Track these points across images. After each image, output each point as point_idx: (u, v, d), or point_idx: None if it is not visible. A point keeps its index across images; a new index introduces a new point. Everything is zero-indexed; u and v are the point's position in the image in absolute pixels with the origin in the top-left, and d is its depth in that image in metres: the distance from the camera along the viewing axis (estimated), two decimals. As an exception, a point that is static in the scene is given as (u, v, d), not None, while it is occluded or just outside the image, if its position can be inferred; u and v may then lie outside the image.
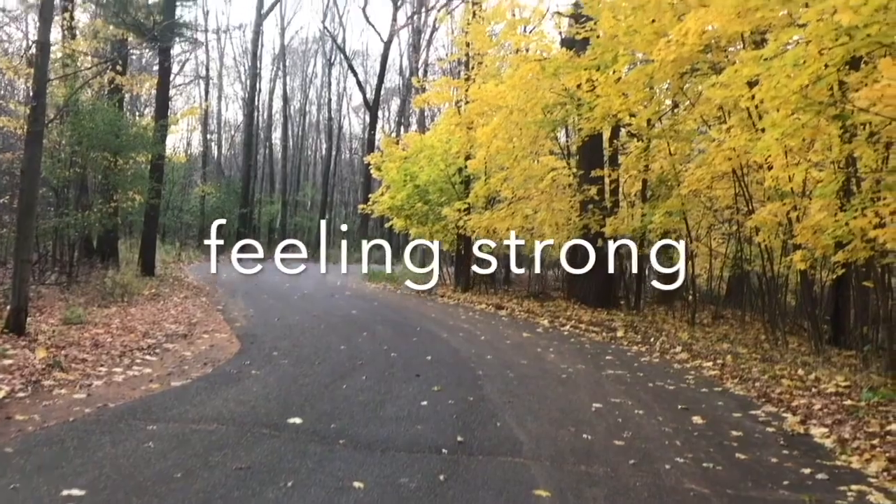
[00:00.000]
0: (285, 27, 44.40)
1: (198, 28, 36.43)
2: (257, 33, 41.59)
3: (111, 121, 16.49)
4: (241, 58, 48.74)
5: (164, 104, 21.59)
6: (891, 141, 7.33)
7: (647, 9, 11.13)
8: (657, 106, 13.52)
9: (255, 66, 42.00)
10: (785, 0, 6.72)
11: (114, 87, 19.68)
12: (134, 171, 18.28)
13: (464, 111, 19.20)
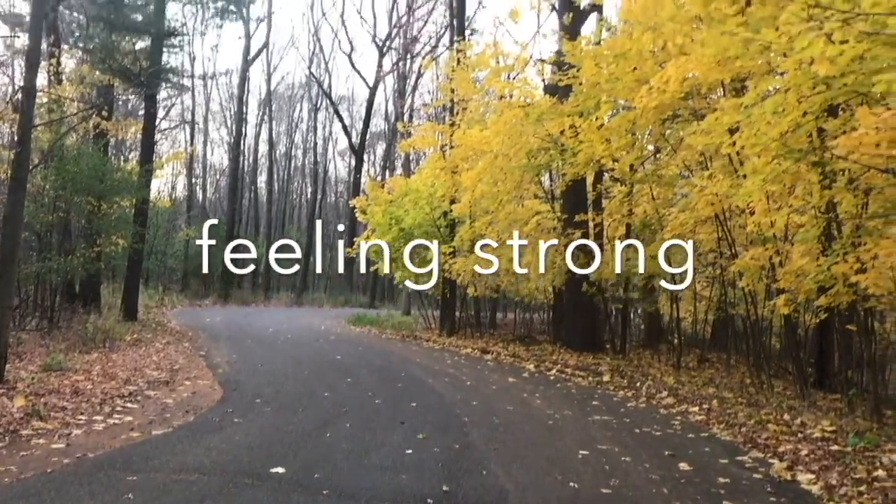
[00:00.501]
0: (272, 73, 44.71)
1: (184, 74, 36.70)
2: (244, 79, 41.90)
3: (96, 166, 16.47)
4: (228, 103, 49.02)
5: (150, 149, 21.62)
6: (870, 187, 7.43)
7: (628, 57, 11.34)
8: (640, 151, 13.68)
9: (241, 111, 42.23)
10: (763, 49, 6.84)
11: (99, 131, 19.72)
12: (118, 215, 18.20)
13: (449, 155, 19.35)
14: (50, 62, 19.30)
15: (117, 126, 20.22)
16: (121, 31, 19.80)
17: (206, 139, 50.36)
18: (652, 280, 14.81)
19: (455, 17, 25.18)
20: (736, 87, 10.27)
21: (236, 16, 29.77)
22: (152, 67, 19.24)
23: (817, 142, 7.51)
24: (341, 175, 59.46)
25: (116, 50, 19.52)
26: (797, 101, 6.73)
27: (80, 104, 19.29)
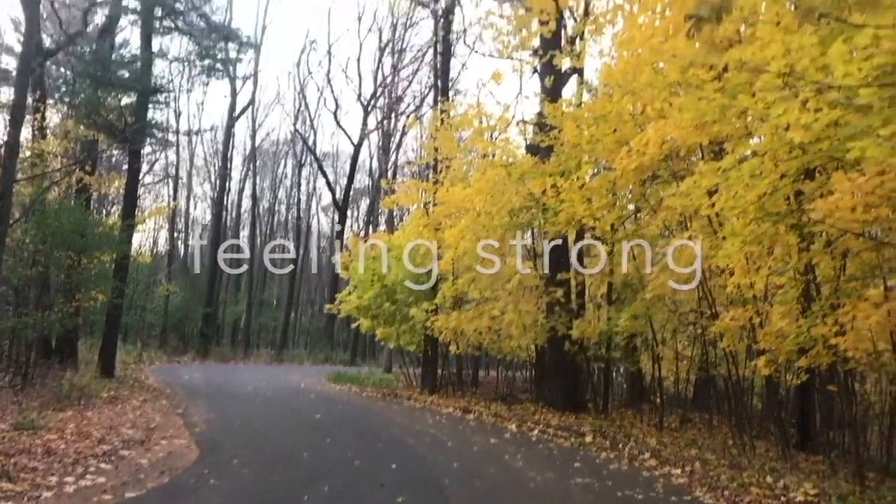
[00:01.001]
0: (257, 129, 45.00)
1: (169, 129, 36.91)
2: (229, 135, 42.14)
3: (77, 220, 16.39)
4: (212, 158, 49.23)
5: (132, 204, 21.57)
6: (847, 249, 7.54)
7: (608, 119, 11.57)
8: (620, 211, 13.83)
9: (225, 166, 42.37)
10: (740, 114, 7.01)
11: (82, 186, 19.70)
12: (98, 270, 18.05)
13: (432, 213, 19.45)
14: (35, 116, 19.36)
15: (100, 181, 20.24)
16: (107, 88, 19.92)
17: (190, 194, 50.42)
18: (633, 339, 14.83)
19: (439, 77, 25.59)
20: (714, 150, 10.47)
21: (223, 74, 30.07)
22: (137, 123, 19.34)
23: (795, 204, 7.64)
24: (324, 230, 59.57)
25: (102, 105, 19.62)
26: (774, 164, 6.87)
27: (64, 159, 19.30)
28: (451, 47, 26.42)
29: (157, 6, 22.14)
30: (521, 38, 18.65)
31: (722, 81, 7.27)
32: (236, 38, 26.44)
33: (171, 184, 46.88)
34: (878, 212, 5.89)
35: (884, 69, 4.32)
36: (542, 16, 15.13)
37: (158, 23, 23.13)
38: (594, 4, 16.45)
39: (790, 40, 5.96)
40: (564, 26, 17.38)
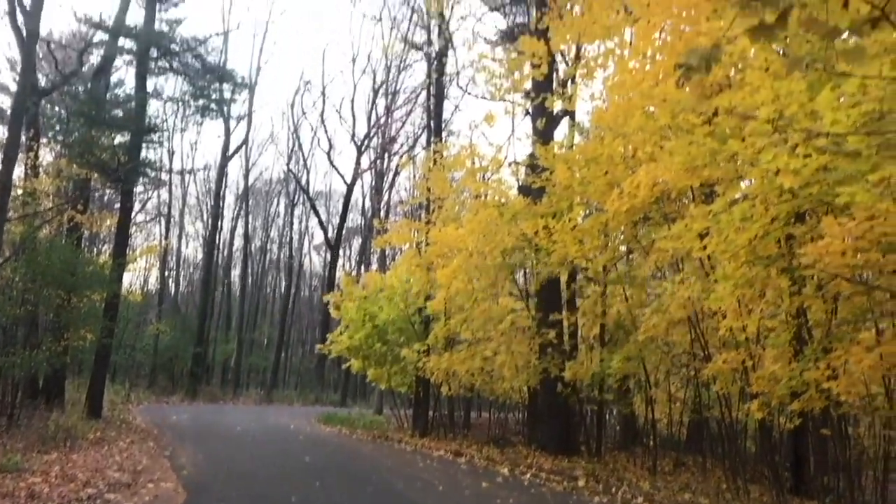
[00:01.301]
0: (250, 168, 45.17)
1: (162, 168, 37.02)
2: (222, 174, 42.28)
3: (67, 259, 16.31)
4: (204, 197, 49.29)
5: (123, 243, 21.54)
6: (838, 293, 7.56)
7: (599, 161, 11.66)
8: (612, 253, 13.86)
9: (217, 205, 42.43)
10: (729, 158, 7.07)
11: (73, 224, 19.65)
12: (88, 309, 17.92)
13: (424, 252, 19.45)
14: (28, 155, 19.40)
15: (92, 220, 20.20)
16: (101, 127, 19.99)
17: (182, 233, 50.39)
18: (626, 381, 14.76)
19: (432, 119, 25.83)
20: (705, 193, 10.53)
21: (217, 114, 30.29)
22: (131, 163, 19.38)
23: (785, 248, 7.67)
24: (316, 270, 59.55)
25: (95, 144, 19.67)
26: (765, 208, 6.91)
27: (56, 198, 19.29)
28: (444, 89, 26.72)
29: (153, 47, 22.34)
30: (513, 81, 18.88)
31: (712, 126, 7.35)
32: (231, 79, 26.67)
33: (163, 222, 46.90)
34: (868, 256, 5.92)
35: (871, 116, 4.37)
36: (534, 59, 15.35)
37: (154, 63, 23.32)
38: (585, 49, 16.69)
39: (779, 86, 6.04)
40: (556, 70, 17.60)
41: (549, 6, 15.14)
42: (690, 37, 9.01)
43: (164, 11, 24.15)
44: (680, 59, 5.74)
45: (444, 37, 25.15)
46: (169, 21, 24.16)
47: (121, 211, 21.17)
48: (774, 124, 5.79)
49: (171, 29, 23.89)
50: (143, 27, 21.63)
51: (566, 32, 13.39)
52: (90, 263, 19.20)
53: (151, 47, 22.17)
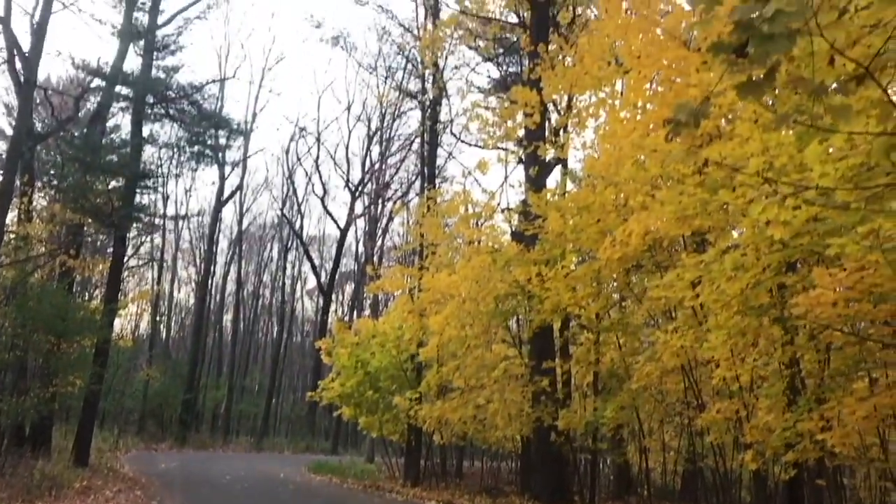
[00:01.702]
0: (244, 213, 45.26)
1: (156, 214, 37.04)
2: (215, 219, 42.32)
3: (58, 304, 16.22)
4: (198, 241, 49.26)
5: (115, 288, 21.45)
6: (830, 343, 7.56)
7: (591, 210, 11.74)
8: (605, 300, 13.86)
9: (210, 250, 42.41)
10: (720, 208, 7.13)
11: (65, 269, 19.58)
12: (77, 355, 17.76)
13: (417, 299, 19.42)
14: (22, 200, 19.42)
15: (84, 265, 20.14)
16: (95, 172, 20.06)
17: (174, 277, 50.20)
18: (620, 430, 14.64)
19: (426, 165, 26.01)
20: (697, 241, 10.59)
21: (212, 160, 30.47)
22: (125, 209, 19.42)
23: (777, 297, 7.69)
24: (308, 315, 59.30)
25: (90, 190, 19.72)
26: (756, 258, 6.95)
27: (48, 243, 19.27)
28: (437, 136, 26.95)
29: (150, 93, 22.55)
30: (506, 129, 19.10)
31: (702, 176, 7.42)
32: (227, 126, 26.88)
33: (156, 267, 46.76)
34: (859, 307, 5.94)
35: (859, 170, 4.42)
36: (526, 108, 15.56)
37: (150, 109, 23.51)
38: (577, 98, 16.94)
39: (768, 138, 6.13)
40: (548, 118, 17.83)
41: (541, 57, 15.42)
42: (680, 88, 9.16)
43: (162, 59, 24.47)
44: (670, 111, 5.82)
45: (438, 86, 25.47)
46: (166, 68, 24.46)
47: (113, 256, 21.15)
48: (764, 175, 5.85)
49: (168, 76, 24.16)
50: (140, 74, 21.86)
51: (558, 83, 13.62)
52: (81, 309, 19.09)
53: (148, 94, 22.37)
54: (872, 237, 4.91)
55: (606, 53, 12.05)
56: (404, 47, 32.70)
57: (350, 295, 52.15)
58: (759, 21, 2.65)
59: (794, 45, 2.72)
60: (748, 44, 2.80)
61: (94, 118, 21.76)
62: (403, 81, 36.53)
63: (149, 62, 22.38)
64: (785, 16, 2.63)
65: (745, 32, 2.72)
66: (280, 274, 51.41)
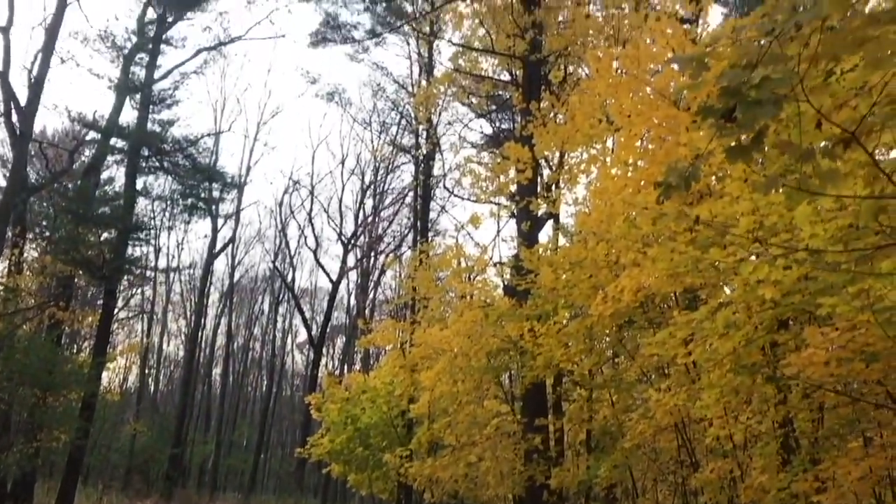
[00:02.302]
0: (236, 265, 45.18)
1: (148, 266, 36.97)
2: (207, 272, 42.19)
3: (46, 357, 16.10)
4: (189, 294, 49.05)
5: (104, 341, 21.29)
6: (823, 402, 7.51)
7: (583, 265, 11.75)
8: (598, 357, 13.79)
9: (201, 303, 42.19)
10: (710, 266, 7.14)
11: (54, 322, 19.46)
12: (64, 408, 17.56)
13: (408, 353, 19.29)
14: (13, 251, 19.38)
15: (73, 317, 20.02)
16: (88, 224, 20.10)
17: (164, 330, 49.86)
18: (613, 489, 14.42)
19: (419, 219, 26.17)
20: (688, 298, 10.59)
21: (205, 213, 30.55)
22: (116, 261, 19.40)
23: (770, 355, 7.65)
24: (298, 368, 58.87)
25: (81, 241, 19.72)
26: (748, 316, 6.94)
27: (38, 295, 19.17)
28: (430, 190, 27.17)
29: (144, 147, 22.72)
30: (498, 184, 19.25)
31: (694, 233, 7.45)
32: (221, 179, 27.08)
33: (146, 319, 46.48)
34: (852, 366, 5.91)
35: (848, 230, 4.45)
36: (518, 164, 15.71)
37: (144, 161, 23.67)
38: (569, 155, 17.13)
39: (758, 197, 6.17)
40: (541, 174, 18.01)
41: (533, 115, 15.63)
42: (670, 147, 9.27)
43: (158, 113, 24.73)
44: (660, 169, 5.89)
45: (431, 141, 25.77)
46: (161, 122, 24.74)
47: (103, 309, 21.04)
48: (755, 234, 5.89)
49: (164, 129, 24.42)
50: (135, 127, 22.09)
51: (550, 140, 13.77)
52: (69, 362, 18.95)
53: (143, 147, 22.56)
54: (863, 297, 4.91)
55: (597, 111, 12.21)
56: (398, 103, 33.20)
57: (341, 348, 51.88)
58: (747, 87, 2.69)
59: (781, 110, 2.76)
60: (736, 108, 2.84)
61: (88, 170, 21.88)
62: (397, 136, 36.97)
63: (145, 115, 22.63)
64: (771, 82, 2.67)
65: (732, 98, 2.76)
66: (271, 327, 51.19)
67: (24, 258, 20.25)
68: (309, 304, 52.49)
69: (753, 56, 2.83)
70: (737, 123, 2.86)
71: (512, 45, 18.25)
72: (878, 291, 4.90)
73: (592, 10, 18.55)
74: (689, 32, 10.93)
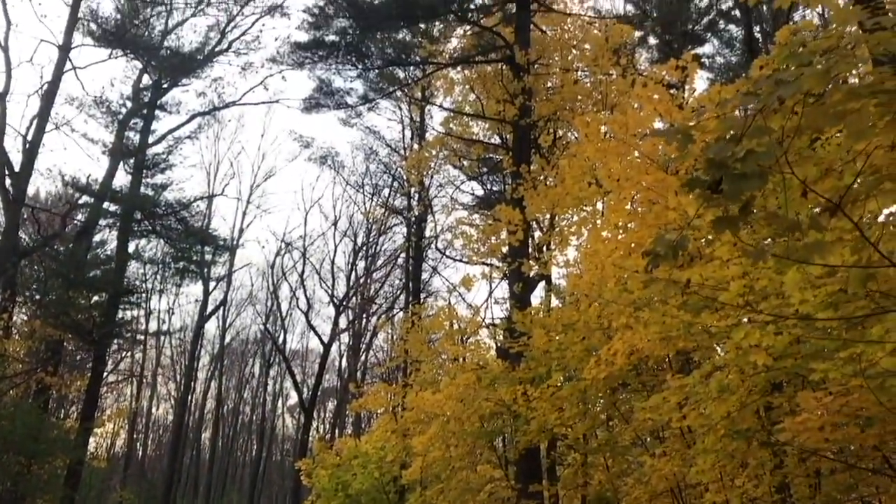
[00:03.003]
0: (227, 328, 44.90)
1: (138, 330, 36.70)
2: (198, 335, 41.88)
3: (32, 424, 15.83)
4: (179, 357, 48.59)
5: (92, 407, 21.02)
6: (820, 468, 7.42)
7: (576, 328, 11.74)
8: (592, 420, 13.66)
9: (191, 366, 41.76)
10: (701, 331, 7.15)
11: (41, 387, 19.21)
12: (49, 476, 17.20)
13: (400, 418, 19.07)
14: (1, 316, 19.23)
15: (61, 382, 19.77)
16: (79, 288, 20.03)
17: (154, 393, 49.25)
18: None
19: (411, 280, 26.19)
20: (681, 361, 10.56)
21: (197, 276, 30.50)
22: (106, 325, 19.28)
23: (765, 419, 7.60)
24: (289, 432, 57.99)
25: (71, 305, 19.62)
26: (741, 380, 6.90)
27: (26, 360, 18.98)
28: (422, 252, 27.27)
29: (137, 211, 22.81)
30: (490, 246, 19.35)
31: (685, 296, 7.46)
32: (213, 242, 27.11)
33: (135, 383, 45.90)
34: (847, 431, 5.87)
35: (838, 295, 4.48)
36: (510, 226, 15.83)
37: (136, 225, 23.72)
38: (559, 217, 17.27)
39: (748, 261, 6.21)
40: (532, 235, 18.12)
41: (523, 178, 15.82)
42: (660, 210, 9.37)
43: (151, 177, 24.90)
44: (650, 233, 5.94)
45: (423, 203, 25.99)
46: (155, 185, 24.89)
47: (92, 374, 20.83)
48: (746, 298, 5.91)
49: (157, 193, 24.55)
50: (128, 192, 22.21)
51: (540, 203, 13.92)
52: (55, 428, 18.61)
53: (136, 211, 22.63)
54: (855, 362, 4.91)
55: (587, 175, 12.37)
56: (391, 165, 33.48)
57: (332, 411, 51.21)
58: (732, 160, 2.74)
59: (766, 182, 2.80)
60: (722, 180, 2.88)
61: (80, 234, 21.90)
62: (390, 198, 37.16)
63: (138, 180, 22.79)
64: (756, 155, 2.72)
65: (718, 170, 2.80)
66: (261, 390, 50.61)
67: (12, 322, 20.08)
68: (300, 367, 52.04)
69: (738, 129, 2.89)
70: (723, 195, 2.90)
71: (502, 109, 18.59)
72: (870, 356, 4.90)
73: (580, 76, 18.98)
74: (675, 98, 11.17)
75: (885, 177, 3.36)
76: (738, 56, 25.05)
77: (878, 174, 3.37)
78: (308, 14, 20.33)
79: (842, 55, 2.93)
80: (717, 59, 27.02)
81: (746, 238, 6.36)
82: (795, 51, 3.22)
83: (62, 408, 34.73)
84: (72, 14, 19.27)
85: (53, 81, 18.82)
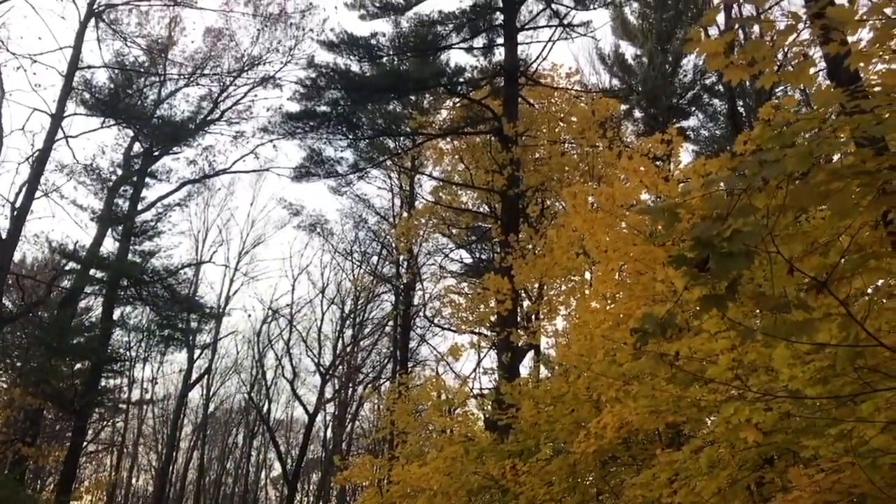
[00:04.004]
0: (211, 397, 44.22)
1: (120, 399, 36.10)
2: (181, 405, 41.15)
3: (7, 497, 15.38)
4: (161, 426, 47.66)
5: (70, 479, 20.51)
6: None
7: (565, 400, 11.64)
8: (581, 495, 13.41)
9: (174, 436, 40.94)
10: (689, 406, 7.09)
11: (18, 458, 18.75)
12: (22, 551, 16.64)
13: (386, 492, 18.65)
14: (-20, 384, 18.90)
15: (39, 453, 19.31)
16: (61, 355, 19.76)
17: (134, 464, 48.08)
18: None
19: (398, 349, 26.03)
20: (671, 434, 10.44)
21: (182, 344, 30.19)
22: (88, 395, 18.95)
23: (757, 494, 7.47)
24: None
25: (53, 373, 19.32)
26: (731, 455, 6.81)
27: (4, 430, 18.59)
28: (411, 320, 27.16)
29: (124, 278, 22.69)
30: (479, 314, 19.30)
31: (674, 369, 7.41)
32: (199, 310, 26.92)
33: (116, 452, 44.87)
34: (840, 508, 5.76)
35: (827, 371, 4.45)
36: (498, 295, 15.83)
37: (122, 292, 23.56)
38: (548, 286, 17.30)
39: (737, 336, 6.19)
40: (521, 304, 18.11)
41: (512, 247, 15.90)
42: (647, 281, 9.41)
43: (139, 244, 24.85)
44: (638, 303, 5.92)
45: (412, 271, 26.02)
46: (142, 252, 24.82)
47: (70, 445, 20.38)
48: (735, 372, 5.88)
49: (144, 261, 24.45)
50: (115, 258, 22.12)
51: (529, 272, 13.96)
52: (31, 501, 18.10)
53: (122, 278, 22.51)
54: (846, 439, 4.86)
55: (575, 245, 12.45)
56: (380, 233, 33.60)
57: (317, 483, 50.09)
58: (718, 240, 2.75)
59: (752, 261, 2.81)
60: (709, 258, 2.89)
61: (65, 301, 21.72)
62: (378, 266, 37.16)
63: (126, 247, 22.73)
64: (742, 235, 2.73)
65: (704, 249, 2.81)
66: (244, 461, 49.55)
67: (-9, 397, 19.73)
68: (284, 437, 51.07)
69: (724, 208, 2.91)
70: (710, 273, 2.90)
71: (490, 179, 18.81)
72: (861, 433, 4.85)
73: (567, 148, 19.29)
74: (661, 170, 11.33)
75: (870, 255, 3.38)
76: (722, 129, 25.59)
77: (863, 252, 3.39)
78: (300, 85, 20.72)
79: (824, 136, 2.98)
80: (702, 132, 27.63)
81: (734, 311, 6.36)
82: (779, 130, 3.27)
83: (39, 479, 33.89)
84: (66, 83, 19.52)
85: (44, 149, 18.94)
